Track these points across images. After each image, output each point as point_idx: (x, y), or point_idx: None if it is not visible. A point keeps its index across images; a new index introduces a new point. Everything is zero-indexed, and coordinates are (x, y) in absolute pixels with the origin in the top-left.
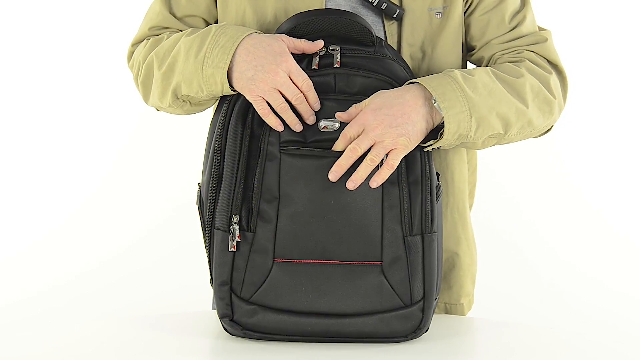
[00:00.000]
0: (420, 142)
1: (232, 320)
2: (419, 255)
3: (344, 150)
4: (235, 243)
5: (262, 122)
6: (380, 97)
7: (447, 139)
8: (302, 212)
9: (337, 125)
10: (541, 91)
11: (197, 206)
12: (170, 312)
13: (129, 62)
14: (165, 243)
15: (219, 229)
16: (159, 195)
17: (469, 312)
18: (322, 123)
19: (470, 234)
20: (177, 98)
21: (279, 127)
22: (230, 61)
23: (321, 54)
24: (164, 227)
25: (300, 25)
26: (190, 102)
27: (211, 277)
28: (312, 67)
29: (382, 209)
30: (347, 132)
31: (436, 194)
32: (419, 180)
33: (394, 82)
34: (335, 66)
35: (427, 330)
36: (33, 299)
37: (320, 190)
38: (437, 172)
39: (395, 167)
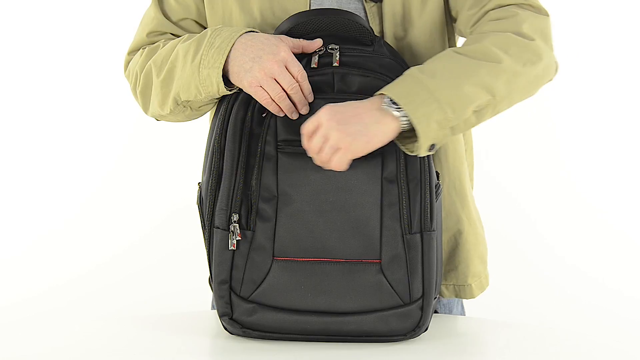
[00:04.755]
0: (408, 147)
1: (231, 318)
2: (418, 254)
3: None
4: (235, 241)
5: (261, 121)
6: (341, 103)
7: (424, 132)
8: (301, 211)
9: None
10: (511, 41)
11: (197, 205)
12: (171, 312)
13: (125, 71)
14: (166, 243)
15: (219, 228)
16: (159, 195)
17: (482, 293)
18: None
19: (474, 213)
20: (178, 104)
21: (281, 113)
22: (226, 60)
23: (320, 53)
24: (164, 228)
25: (298, 26)
26: (190, 107)
27: (210, 276)
28: (312, 66)
29: (381, 207)
30: (304, 128)
31: (436, 192)
32: (418, 178)
33: (393, 80)
34: (334, 65)
35: (426, 330)
36: (34, 299)
37: (319, 188)
38: (436, 172)
39: (339, 168)
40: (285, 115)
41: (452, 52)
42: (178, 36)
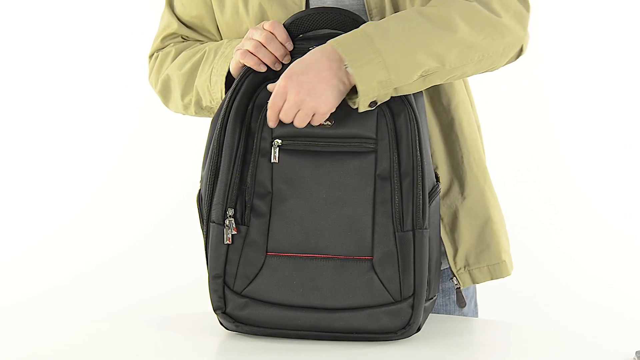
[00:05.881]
0: (352, 100)
1: (224, 312)
2: (410, 252)
3: (335, 145)
4: (230, 236)
5: (258, 117)
6: (298, 63)
7: (367, 91)
8: (294, 207)
9: (331, 122)
10: (475, 13)
11: (196, 202)
12: (176, 312)
13: (149, 77)
14: (167, 242)
15: (214, 222)
16: (159, 194)
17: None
18: None
19: (493, 188)
20: (202, 109)
21: (262, 67)
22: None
23: None
24: (164, 227)
25: (297, 21)
26: (213, 113)
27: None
28: None
29: (373, 204)
30: (273, 103)
31: (432, 192)
32: (411, 176)
33: None
34: None
35: (419, 329)
36: (34, 300)
37: (313, 184)
38: (436, 173)
39: (318, 123)
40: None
41: (414, 12)
42: (189, 38)
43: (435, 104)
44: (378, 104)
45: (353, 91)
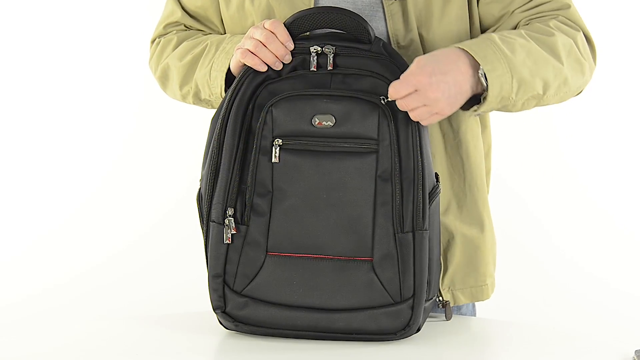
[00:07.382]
0: (463, 108)
1: (224, 312)
2: (410, 253)
3: (337, 144)
4: (230, 235)
5: (258, 117)
6: (436, 62)
7: (490, 103)
8: (295, 207)
9: (332, 122)
10: (572, 49)
11: (196, 201)
12: (175, 311)
13: (150, 61)
14: (167, 241)
15: (214, 222)
16: (159, 193)
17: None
18: (317, 119)
19: (490, 214)
20: (201, 100)
21: (263, 66)
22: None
23: (318, 52)
24: (164, 226)
25: (298, 20)
26: (212, 105)
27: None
28: (311, 69)
29: (374, 205)
30: (398, 89)
31: (432, 193)
32: (412, 177)
33: (389, 81)
34: (328, 69)
35: (418, 330)
36: (34, 299)
37: (313, 184)
38: (436, 173)
39: (426, 124)
40: (271, 74)
41: (523, 33)
42: (191, 28)
43: (444, 126)
44: (478, 114)
45: None
